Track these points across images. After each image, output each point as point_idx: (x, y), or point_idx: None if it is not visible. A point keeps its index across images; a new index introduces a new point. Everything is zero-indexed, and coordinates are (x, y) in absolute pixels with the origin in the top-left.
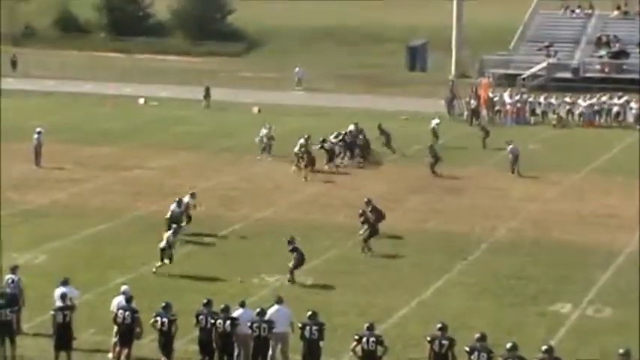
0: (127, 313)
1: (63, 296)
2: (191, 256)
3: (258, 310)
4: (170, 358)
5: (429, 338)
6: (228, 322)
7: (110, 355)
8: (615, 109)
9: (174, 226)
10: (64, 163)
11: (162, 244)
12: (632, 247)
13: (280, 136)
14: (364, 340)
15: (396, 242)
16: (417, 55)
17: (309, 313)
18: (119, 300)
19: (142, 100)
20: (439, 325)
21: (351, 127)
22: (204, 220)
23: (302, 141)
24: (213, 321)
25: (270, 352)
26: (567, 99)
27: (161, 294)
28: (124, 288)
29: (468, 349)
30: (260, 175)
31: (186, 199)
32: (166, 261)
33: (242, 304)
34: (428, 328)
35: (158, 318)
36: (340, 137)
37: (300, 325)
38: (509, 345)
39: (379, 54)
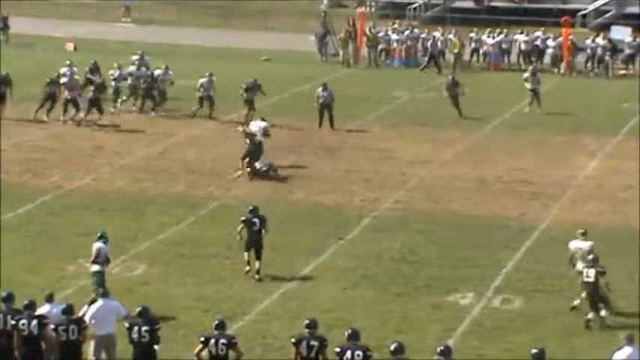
0: None
1: None
2: None
3: (64, 306)
4: None
5: (294, 339)
6: (34, 321)
7: None
8: (528, 47)
9: None
10: None
11: None
12: (548, 221)
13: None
14: (212, 342)
15: None
16: None
17: (139, 309)
18: None
19: None
20: (307, 322)
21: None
22: (3, 190)
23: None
24: (14, 322)
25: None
26: (472, 34)
27: None
28: None
29: (338, 349)
30: (76, 133)
31: None
32: None
33: (49, 298)
34: (294, 326)
35: None
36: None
37: (126, 324)
38: (393, 346)
39: None
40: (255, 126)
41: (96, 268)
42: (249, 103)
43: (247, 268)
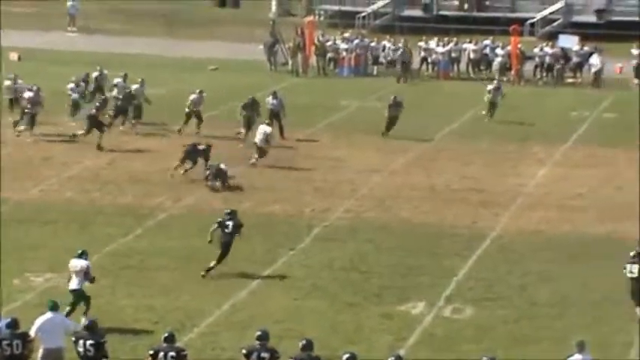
0: None
1: None
2: None
3: (9, 320)
4: None
5: (245, 351)
6: None
7: None
8: (477, 56)
9: None
10: None
11: None
12: (498, 229)
13: (47, 93)
14: (161, 355)
15: (201, 228)
16: None
17: (86, 322)
18: None
19: None
20: (258, 334)
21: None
22: None
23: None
24: None
25: None
26: (421, 43)
27: None
28: None
29: None
30: (24, 144)
31: None
32: None
33: None
34: (244, 337)
35: None
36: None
37: (73, 338)
38: (345, 357)
39: None
40: (260, 131)
41: (75, 285)
42: (248, 121)
43: (202, 273)
